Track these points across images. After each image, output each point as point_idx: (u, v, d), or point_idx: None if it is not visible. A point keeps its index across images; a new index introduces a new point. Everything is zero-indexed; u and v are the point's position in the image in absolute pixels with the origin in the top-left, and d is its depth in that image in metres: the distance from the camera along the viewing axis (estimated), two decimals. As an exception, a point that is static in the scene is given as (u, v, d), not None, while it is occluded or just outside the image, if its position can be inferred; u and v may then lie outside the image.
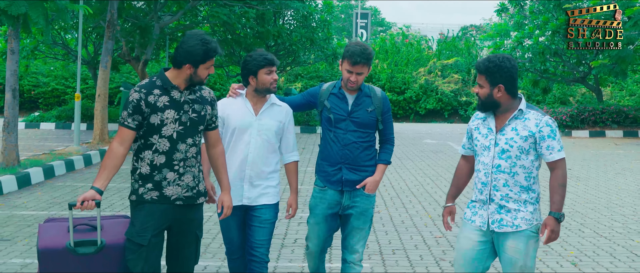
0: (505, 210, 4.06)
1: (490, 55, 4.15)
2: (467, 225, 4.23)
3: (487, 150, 4.12)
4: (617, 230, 8.13)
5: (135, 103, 4.15)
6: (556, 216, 4.01)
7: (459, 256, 4.24)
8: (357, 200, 4.77)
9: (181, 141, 4.20)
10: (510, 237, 4.05)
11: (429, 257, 6.78)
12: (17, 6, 6.53)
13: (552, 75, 26.08)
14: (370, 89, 4.82)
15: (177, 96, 4.20)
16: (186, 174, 4.24)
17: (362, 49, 4.65)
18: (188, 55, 4.15)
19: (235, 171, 4.66)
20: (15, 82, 11.68)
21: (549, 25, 23.17)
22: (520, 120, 4.08)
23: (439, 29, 56.56)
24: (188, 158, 4.24)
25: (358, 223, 4.79)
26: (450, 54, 37.98)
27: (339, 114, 4.73)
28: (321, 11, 25.28)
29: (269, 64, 4.64)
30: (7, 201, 9.55)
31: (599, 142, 20.95)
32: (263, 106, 4.73)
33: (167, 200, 4.20)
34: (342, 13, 65.76)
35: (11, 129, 11.72)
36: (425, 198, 10.24)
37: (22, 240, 7.25)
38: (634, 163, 15.20)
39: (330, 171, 4.75)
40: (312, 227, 4.85)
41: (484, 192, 4.13)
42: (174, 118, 4.19)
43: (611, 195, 10.76)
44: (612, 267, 6.49)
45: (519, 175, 4.05)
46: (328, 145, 4.78)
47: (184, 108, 4.21)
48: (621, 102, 28.50)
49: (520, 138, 4.04)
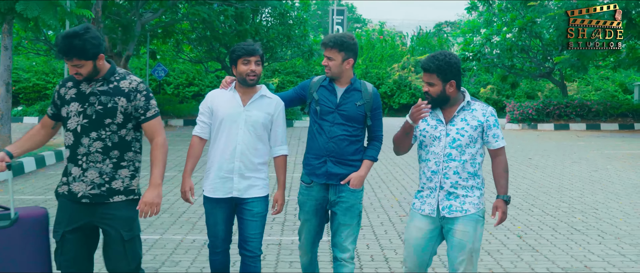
0: (454, 196, 4.21)
1: (434, 53, 4.26)
2: (416, 215, 4.33)
3: (437, 140, 4.25)
4: (563, 209, 9.06)
5: (53, 95, 4.17)
6: (505, 199, 4.26)
7: (409, 245, 4.34)
8: (343, 196, 4.70)
9: (85, 135, 4.01)
10: (460, 221, 4.19)
11: (393, 231, 7.64)
12: (31, 9, 7.21)
13: (519, 70, 27.15)
14: (361, 84, 4.76)
15: (84, 89, 4.07)
16: (90, 170, 4.03)
17: (335, 34, 4.68)
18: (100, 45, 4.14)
19: (224, 162, 4.60)
20: (9, 77, 12.38)
21: (516, 23, 24.23)
22: (468, 111, 4.26)
23: (415, 25, 57.52)
24: (91, 153, 4.02)
25: (345, 219, 4.71)
26: (423, 50, 38.99)
27: (327, 106, 4.68)
28: (298, 9, 26.07)
29: (246, 54, 4.56)
30: (5, 187, 10.26)
31: (562, 134, 22.00)
32: (252, 97, 4.66)
33: (74, 196, 4.06)
34: (319, 10, 66.45)
35: (4, 122, 12.42)
36: (392, 184, 11.11)
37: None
38: (591, 153, 16.20)
39: (315, 164, 4.70)
40: (302, 223, 4.83)
41: (433, 180, 4.25)
42: (78, 110, 4.03)
43: (564, 180, 11.71)
44: (553, 238, 7.38)
45: (467, 163, 4.22)
46: (314, 137, 4.73)
47: (90, 100, 4.03)
48: (586, 97, 29.66)
49: (471, 128, 4.22)
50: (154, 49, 26.55)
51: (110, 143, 4.02)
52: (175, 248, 6.78)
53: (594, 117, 24.74)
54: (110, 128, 4.01)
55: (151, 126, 4.12)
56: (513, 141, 19.21)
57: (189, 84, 33.94)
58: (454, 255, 4.21)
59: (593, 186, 11.07)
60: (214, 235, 4.67)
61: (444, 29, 55.75)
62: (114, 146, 4.03)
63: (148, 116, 4.10)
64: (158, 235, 7.27)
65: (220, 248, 4.69)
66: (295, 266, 6.15)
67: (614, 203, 9.57)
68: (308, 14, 26.94)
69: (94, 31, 3.96)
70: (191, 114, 26.82)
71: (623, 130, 23.86)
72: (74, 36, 3.85)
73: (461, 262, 4.18)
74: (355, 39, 4.73)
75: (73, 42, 3.85)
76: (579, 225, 8.05)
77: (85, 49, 3.86)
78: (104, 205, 4.05)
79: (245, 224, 4.64)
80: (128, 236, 4.10)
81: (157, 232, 7.42)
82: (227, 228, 4.69)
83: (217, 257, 4.71)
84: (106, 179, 4.04)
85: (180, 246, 6.86)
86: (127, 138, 4.08)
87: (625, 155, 15.84)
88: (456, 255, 4.20)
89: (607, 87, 32.47)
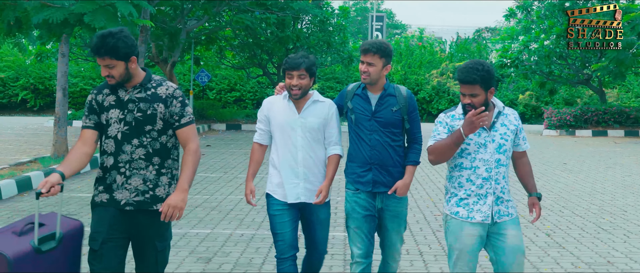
0: (501, 200, 4.28)
1: (469, 65, 4.24)
2: (466, 224, 4.29)
3: (483, 147, 4.26)
4: (593, 211, 9.42)
5: (88, 103, 4.13)
6: (538, 196, 4.42)
7: (464, 254, 4.30)
8: (389, 204, 4.75)
9: (126, 142, 4.02)
10: (508, 225, 4.26)
11: (428, 228, 8.11)
12: (98, 20, 7.89)
13: (557, 77, 27.29)
14: (395, 89, 4.78)
15: (123, 96, 4.07)
16: (133, 177, 4.04)
17: (374, 40, 4.71)
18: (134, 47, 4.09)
19: (289, 169, 4.70)
20: (66, 82, 13.15)
21: (554, 30, 24.43)
22: (503, 116, 4.33)
23: (454, 31, 57.68)
24: (134, 160, 4.03)
25: (393, 226, 4.79)
26: (462, 56, 39.21)
27: (363, 114, 4.72)
28: (337, 16, 26.61)
29: (289, 68, 4.63)
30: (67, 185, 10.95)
31: (600, 141, 22.14)
32: (305, 104, 4.73)
33: (116, 204, 4.06)
34: (358, 16, 66.93)
35: (61, 125, 13.17)
36: (428, 186, 11.56)
37: (84, 215, 8.64)
38: (627, 159, 16.42)
39: (359, 172, 4.73)
40: (353, 232, 4.76)
41: (484, 187, 4.25)
42: (118, 117, 4.03)
43: (596, 185, 12.02)
44: (580, 236, 7.78)
45: (507, 167, 4.33)
46: (356, 146, 4.76)
47: (128, 107, 4.05)
48: (626, 103, 29.64)
49: (511, 132, 4.30)
50: (198, 56, 27.33)
51: (152, 150, 4.03)
52: (225, 241, 7.35)
53: (632, 124, 24.79)
54: (150, 134, 4.03)
55: (185, 133, 4.09)
56: (549, 147, 19.47)
57: (230, 90, 34.72)
58: (510, 258, 4.23)
59: (625, 190, 11.37)
60: (282, 238, 4.68)
61: (484, 35, 55.81)
62: (155, 152, 4.04)
63: (183, 123, 4.08)
64: (209, 230, 7.85)
65: (288, 253, 4.68)
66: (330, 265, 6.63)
67: (643, 206, 9.90)
68: (347, 21, 27.47)
69: (128, 33, 3.98)
70: (233, 118, 27.55)
71: (662, 137, 23.90)
72: (108, 35, 3.87)
73: (518, 264, 4.24)
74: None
75: (106, 40, 3.85)
76: (606, 225, 8.42)
77: (117, 47, 3.86)
78: (146, 213, 4.07)
79: (314, 228, 4.77)
80: (161, 246, 4.15)
81: (208, 227, 8.00)
82: (294, 234, 4.71)
83: (285, 265, 4.68)
84: (150, 186, 4.05)
85: (230, 239, 7.43)
86: (168, 145, 4.09)
87: (660, 161, 16.03)
88: (512, 258, 4.23)
89: (648, 94, 32.38)
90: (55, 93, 33.47)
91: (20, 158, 13.31)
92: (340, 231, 7.75)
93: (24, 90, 33.89)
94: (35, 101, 33.97)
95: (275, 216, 4.71)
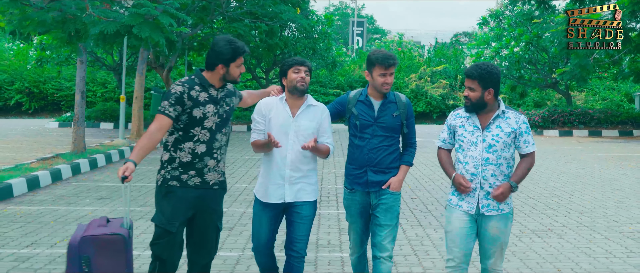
0: (490, 195, 4.59)
1: (478, 63, 4.64)
2: (455, 210, 4.69)
3: (474, 145, 4.61)
4: (544, 194, 11.18)
5: (178, 95, 4.53)
6: (513, 185, 4.62)
7: (454, 235, 4.67)
8: (383, 198, 4.96)
9: (219, 131, 4.65)
10: (495, 219, 4.60)
11: (406, 208, 9.79)
12: (144, 31, 9.44)
13: (527, 81, 29.22)
14: (396, 96, 5.07)
15: (214, 94, 4.67)
16: (221, 161, 4.72)
17: (388, 53, 4.98)
18: (219, 56, 4.58)
19: (276, 170, 4.89)
20: (84, 86, 14.70)
21: (523, 37, 26.34)
22: (502, 119, 4.63)
23: (433, 36, 59.55)
24: (222, 145, 4.71)
25: (385, 220, 4.95)
26: (439, 61, 41.06)
27: (366, 120, 4.97)
28: (322, 23, 28.31)
29: (297, 63, 4.91)
30: (89, 177, 12.55)
31: (565, 140, 24.02)
32: (300, 108, 4.94)
33: (206, 184, 4.63)
34: (339, 20, 68.51)
35: (80, 124, 14.71)
36: (407, 175, 13.29)
37: (115, 199, 10.22)
38: (585, 155, 18.25)
39: (356, 174, 4.99)
40: (350, 225, 5.18)
41: (473, 181, 4.60)
42: (214, 111, 4.61)
43: (553, 175, 13.82)
44: (530, 212, 9.51)
45: (503, 165, 4.60)
46: (355, 149, 5.01)
47: (221, 103, 4.69)
48: (592, 106, 31.61)
49: (505, 134, 4.59)
50: (190, 61, 28.88)
51: (228, 136, 4.81)
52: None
53: (596, 124, 26.69)
54: (229, 126, 4.83)
55: None
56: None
57: (219, 93, 36.19)
58: (487, 247, 4.67)
59: (576, 180, 13.16)
60: (257, 237, 4.94)
61: (461, 40, 57.69)
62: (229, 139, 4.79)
63: None
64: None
65: (264, 252, 4.96)
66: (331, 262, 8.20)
67: (588, 191, 11.66)
68: (332, 29, 29.15)
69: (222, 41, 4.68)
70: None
71: (622, 136, 25.78)
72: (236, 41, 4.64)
73: (493, 253, 4.67)
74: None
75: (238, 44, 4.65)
76: (553, 205, 10.18)
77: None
78: (221, 193, 4.76)
79: (294, 226, 4.92)
80: (221, 227, 4.80)
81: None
82: (271, 233, 4.96)
83: (264, 259, 4.99)
84: (225, 168, 4.81)
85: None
86: None
87: (614, 157, 17.86)
88: (489, 247, 4.65)
89: (613, 97, 34.35)
90: (50, 97, 34.60)
91: (37, 155, 14.75)
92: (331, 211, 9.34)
93: (19, 93, 35.02)
94: (30, 104, 35.14)
95: (255, 214, 4.98)
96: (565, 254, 7.19)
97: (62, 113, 33.26)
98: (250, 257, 6.72)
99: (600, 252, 7.32)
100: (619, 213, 9.55)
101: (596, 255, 7.15)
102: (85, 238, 4.11)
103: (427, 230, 8.27)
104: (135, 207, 9.32)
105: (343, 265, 6.65)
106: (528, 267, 6.61)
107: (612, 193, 11.48)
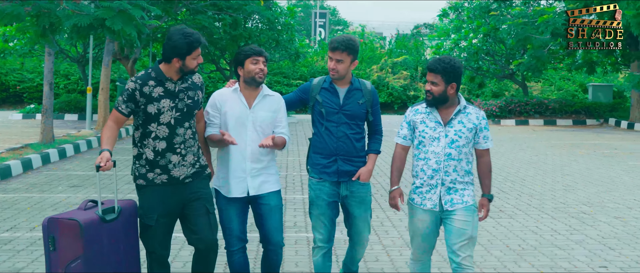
0: (454, 190, 4.53)
1: (441, 56, 4.57)
2: (418, 210, 4.62)
3: (436, 141, 4.54)
4: (498, 179, 11.80)
5: (130, 92, 4.45)
6: (489, 197, 4.71)
7: (417, 236, 4.67)
8: (354, 190, 4.91)
9: (179, 125, 4.50)
10: (460, 211, 4.50)
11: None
12: (116, 24, 9.79)
13: (485, 72, 30.03)
14: (361, 83, 4.95)
15: (172, 87, 4.51)
16: (188, 155, 4.57)
17: (342, 37, 4.83)
18: (174, 50, 4.41)
19: (236, 163, 4.75)
20: (52, 78, 14.93)
21: (481, 29, 27.08)
22: (463, 114, 4.57)
23: (394, 27, 60.28)
24: (187, 139, 4.55)
25: (360, 212, 4.96)
26: (400, 52, 41.74)
27: (331, 107, 4.85)
28: (285, 15, 28.71)
29: (255, 54, 4.72)
30: (59, 166, 12.84)
31: (521, 129, 24.84)
32: (256, 98, 4.80)
33: (176, 180, 4.53)
34: (301, 12, 68.85)
35: (48, 115, 14.94)
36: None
37: (88, 187, 10.56)
38: (538, 143, 19.02)
39: (325, 163, 4.87)
40: (316, 218, 4.94)
41: (434, 178, 4.52)
42: (170, 106, 4.47)
43: (507, 162, 14.49)
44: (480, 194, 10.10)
45: (463, 161, 4.55)
46: (321, 138, 4.88)
47: (179, 96, 4.52)
48: (547, 96, 32.58)
49: (467, 130, 4.54)
50: (155, 52, 29.08)
51: (194, 130, 4.65)
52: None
53: (551, 114, 27.57)
54: (194, 117, 4.68)
55: (200, 112, 4.81)
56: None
57: (182, 84, 36.39)
58: (455, 240, 4.51)
59: (528, 166, 13.85)
60: (229, 232, 4.81)
61: (422, 31, 58.52)
62: (195, 131, 4.68)
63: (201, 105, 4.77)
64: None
65: (236, 246, 4.84)
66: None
67: (539, 177, 12.33)
68: (294, 20, 29.57)
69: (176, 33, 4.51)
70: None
71: (576, 125, 26.69)
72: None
73: (461, 246, 4.51)
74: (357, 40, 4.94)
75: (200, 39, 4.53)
76: (506, 189, 10.82)
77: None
78: (200, 180, 4.64)
79: (265, 218, 4.80)
80: (211, 209, 4.66)
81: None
82: (242, 226, 4.85)
83: (235, 257, 4.86)
84: (197, 158, 4.65)
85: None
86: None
87: (567, 144, 18.64)
88: (457, 240, 4.51)
89: (568, 87, 35.38)
90: (12, 88, 34.40)
91: (4, 146, 14.90)
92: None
93: (-23, 86, 34.62)
94: (-12, 96, 34.79)
95: (223, 210, 4.81)
96: (514, 232, 7.79)
97: (24, 105, 33.10)
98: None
99: (546, 230, 7.93)
100: (567, 196, 10.21)
101: (542, 233, 7.76)
102: (50, 220, 4.20)
103: (387, 212, 8.79)
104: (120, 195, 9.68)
105: (308, 243, 7.14)
106: (479, 244, 7.16)
107: (562, 178, 12.16)
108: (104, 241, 4.28)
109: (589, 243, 7.35)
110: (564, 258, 6.73)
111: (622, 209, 9.25)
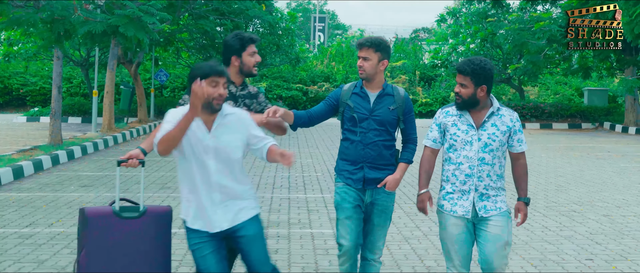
0: (487, 196, 4.34)
1: (471, 57, 4.41)
2: (449, 217, 4.41)
3: (469, 145, 4.34)
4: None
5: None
6: (525, 201, 4.50)
7: (452, 244, 4.42)
8: (378, 198, 4.74)
9: None
10: (494, 217, 4.33)
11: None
12: (129, 30, 10.19)
13: (483, 76, 30.51)
14: (393, 89, 4.77)
15: (234, 90, 4.59)
16: None
17: (370, 36, 4.76)
18: (229, 49, 4.58)
19: (202, 195, 4.02)
20: (60, 81, 15.34)
21: (479, 34, 27.59)
22: (497, 117, 4.38)
23: (393, 31, 60.72)
24: None
25: (379, 221, 4.78)
26: (399, 56, 42.16)
27: (361, 112, 4.69)
28: (286, 20, 29.16)
29: (215, 73, 3.93)
30: (68, 167, 13.26)
31: (517, 132, 25.28)
32: (216, 119, 4.04)
33: None
34: (301, 16, 69.26)
35: (56, 117, 15.35)
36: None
37: (98, 186, 10.98)
38: (532, 146, 19.44)
39: (351, 170, 4.72)
40: (342, 223, 4.70)
41: (467, 183, 4.34)
42: None
43: (503, 164, 14.90)
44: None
45: (496, 165, 4.37)
46: (350, 144, 4.74)
47: (238, 102, 4.59)
48: (544, 100, 33.04)
49: (501, 133, 4.35)
50: (157, 56, 29.52)
51: None
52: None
53: (547, 117, 28.04)
54: None
55: None
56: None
57: (184, 88, 36.81)
58: (490, 247, 4.35)
59: (523, 167, 14.25)
60: (206, 271, 4.06)
61: (420, 35, 58.96)
62: None
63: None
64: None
65: None
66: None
67: (533, 177, 12.75)
68: (295, 25, 30.03)
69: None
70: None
71: (571, 129, 27.15)
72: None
73: (497, 253, 4.34)
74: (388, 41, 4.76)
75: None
76: (500, 189, 11.23)
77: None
78: None
79: (247, 251, 4.12)
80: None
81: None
82: (221, 265, 4.09)
83: None
84: None
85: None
86: None
87: (561, 147, 19.09)
88: (492, 246, 4.34)
89: (564, 91, 35.83)
90: (15, 92, 34.85)
91: (14, 148, 15.30)
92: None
93: (-18, 89, 34.92)
94: (-7, 99, 35.10)
95: (195, 251, 4.08)
96: (507, 229, 8.21)
97: (28, 108, 33.46)
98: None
99: (537, 226, 8.37)
100: (558, 196, 10.64)
101: (533, 229, 8.19)
102: (81, 209, 4.21)
103: (422, 228, 8.61)
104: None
105: (312, 238, 7.57)
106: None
107: (555, 178, 12.60)
108: (116, 237, 4.10)
109: (578, 238, 7.78)
110: (553, 252, 7.16)
111: (610, 207, 9.69)
